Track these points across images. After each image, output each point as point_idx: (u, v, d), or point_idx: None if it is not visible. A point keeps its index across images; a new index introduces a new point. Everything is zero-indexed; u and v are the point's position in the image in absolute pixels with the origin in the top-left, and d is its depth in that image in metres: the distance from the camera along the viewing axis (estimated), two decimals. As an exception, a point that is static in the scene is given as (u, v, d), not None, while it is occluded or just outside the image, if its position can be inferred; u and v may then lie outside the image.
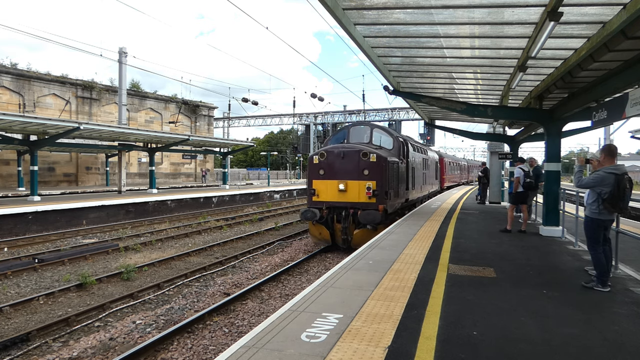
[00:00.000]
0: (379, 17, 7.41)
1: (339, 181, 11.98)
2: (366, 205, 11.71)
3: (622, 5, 5.67)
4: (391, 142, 14.04)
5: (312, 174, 12.45)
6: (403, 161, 14.21)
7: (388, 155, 12.57)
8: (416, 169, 17.02)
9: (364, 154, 11.84)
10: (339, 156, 12.08)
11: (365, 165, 11.84)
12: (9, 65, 31.24)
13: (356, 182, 11.85)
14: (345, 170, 11.97)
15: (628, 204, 5.73)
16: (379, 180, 11.77)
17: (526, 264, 7.29)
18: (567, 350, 3.83)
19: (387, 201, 12.00)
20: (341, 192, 12.01)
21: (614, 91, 8.69)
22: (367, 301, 5.02)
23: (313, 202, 12.31)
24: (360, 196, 11.84)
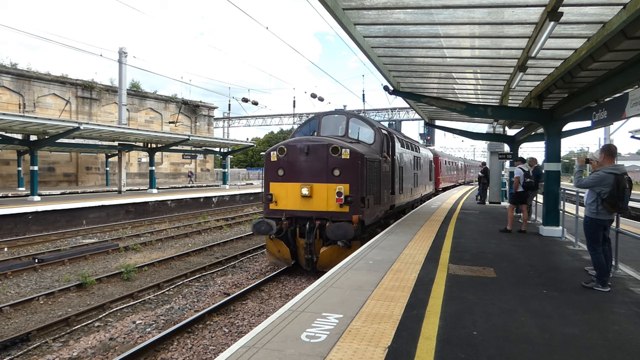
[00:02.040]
0: (379, 17, 7.41)
1: (302, 184, 9.45)
2: (336, 216, 9.32)
3: (622, 5, 5.67)
4: (372, 135, 11.34)
5: (269, 174, 10.00)
6: (387, 159, 11.69)
7: (366, 152, 10.07)
8: (405, 169, 14.56)
9: (334, 149, 9.37)
10: (302, 152, 9.56)
11: (335, 163, 9.35)
12: (9, 65, 31.24)
13: (324, 185, 9.39)
14: (311, 170, 9.50)
15: (628, 204, 5.73)
16: (353, 183, 9.31)
17: (526, 264, 7.29)
18: (567, 350, 3.83)
19: (364, 210, 9.53)
20: (305, 199, 9.50)
21: (614, 91, 8.69)
22: (367, 301, 5.02)
23: (270, 211, 9.86)
24: (329, 204, 9.37)
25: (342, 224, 8.99)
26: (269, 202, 9.88)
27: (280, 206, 9.81)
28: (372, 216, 10.28)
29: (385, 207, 11.61)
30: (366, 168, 9.61)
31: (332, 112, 11.90)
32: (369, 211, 9.89)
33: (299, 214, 9.64)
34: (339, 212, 9.34)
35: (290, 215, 9.71)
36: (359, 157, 9.46)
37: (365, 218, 9.60)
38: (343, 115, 11.62)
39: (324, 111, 11.55)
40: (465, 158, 56.30)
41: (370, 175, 9.96)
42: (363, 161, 9.50)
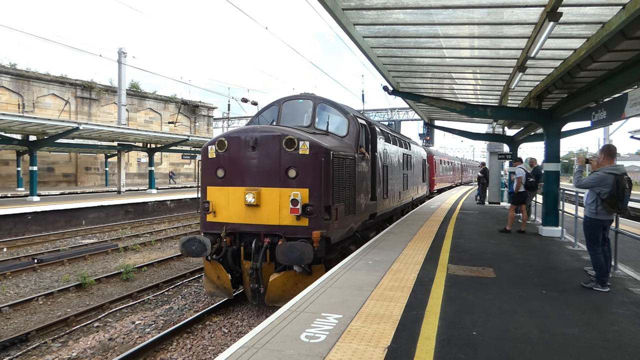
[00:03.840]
0: (379, 17, 7.41)
1: (247, 189, 7.22)
2: (291, 231, 7.05)
3: (622, 5, 5.68)
4: (345, 125, 8.93)
5: (206, 176, 7.73)
6: (365, 156, 9.30)
7: (335, 146, 7.83)
8: (391, 168, 12.13)
9: (289, 141, 7.09)
10: (247, 146, 7.31)
11: (291, 161, 7.12)
12: (8, 65, 31.21)
13: (275, 190, 7.15)
14: (259, 171, 7.28)
15: (627, 204, 5.74)
16: (314, 187, 7.05)
17: (526, 264, 7.30)
18: (566, 350, 3.83)
19: (330, 223, 7.23)
20: (251, 208, 7.23)
21: (614, 91, 8.71)
22: (366, 301, 5.02)
23: (207, 224, 7.63)
24: (282, 215, 7.10)
25: (296, 243, 6.65)
26: (205, 212, 7.63)
27: (220, 218, 7.49)
28: (343, 230, 7.91)
29: (362, 217, 9.17)
30: (333, 167, 7.35)
31: (295, 96, 9.30)
32: (338, 224, 7.57)
33: (244, 228, 7.33)
34: (295, 226, 7.01)
35: (233, 230, 7.41)
36: (322, 152, 7.10)
37: (331, 234, 7.24)
38: (309, 101, 9.08)
39: (285, 96, 9.32)
40: (462, 158, 53.99)
41: (341, 176, 7.71)
42: (329, 158, 7.20)
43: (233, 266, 7.52)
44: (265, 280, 7.17)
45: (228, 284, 7.48)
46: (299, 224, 7.02)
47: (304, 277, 7.08)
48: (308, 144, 7.11)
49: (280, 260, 6.81)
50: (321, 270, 7.08)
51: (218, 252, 7.48)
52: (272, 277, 7.10)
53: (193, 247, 7.30)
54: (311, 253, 6.57)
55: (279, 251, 6.75)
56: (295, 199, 6.92)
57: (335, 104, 9.21)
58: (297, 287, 6.87)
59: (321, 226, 7.02)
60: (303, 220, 7.01)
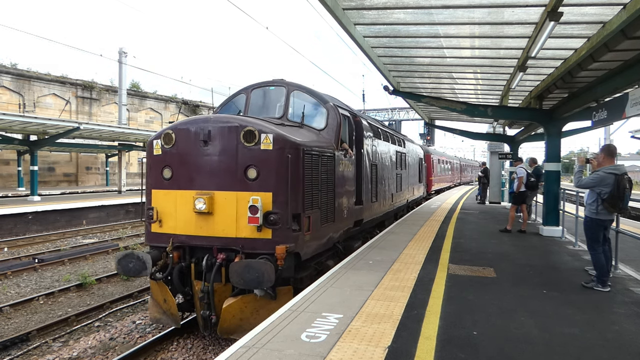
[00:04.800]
0: (379, 17, 7.41)
1: (198, 193, 5.92)
2: (251, 245, 5.81)
3: (622, 5, 5.67)
4: (323, 116, 7.57)
5: (151, 176, 6.48)
6: (349, 153, 8.04)
7: (309, 140, 6.60)
8: (382, 167, 10.89)
9: (248, 133, 5.83)
10: (197, 140, 6.02)
11: (250, 158, 5.87)
12: (9, 65, 31.24)
13: (232, 194, 5.86)
14: (212, 171, 6.00)
15: (628, 204, 5.74)
16: (279, 191, 5.81)
17: (526, 264, 7.30)
18: (567, 350, 3.83)
19: (300, 235, 6.00)
20: (202, 217, 5.93)
21: (614, 91, 8.70)
22: (367, 301, 5.02)
23: (152, 236, 6.37)
24: (240, 225, 5.81)
25: (254, 261, 5.38)
26: (150, 219, 6.34)
27: (167, 228, 6.18)
28: (318, 242, 6.68)
29: (344, 225, 7.90)
30: (305, 166, 6.13)
31: (266, 82, 7.95)
32: (311, 235, 6.34)
33: (194, 241, 6.03)
34: (256, 239, 5.75)
35: (181, 243, 6.09)
36: (289, 147, 5.89)
37: (301, 248, 6.01)
38: (282, 87, 7.75)
39: (254, 83, 8.04)
40: (461, 157, 52.13)
41: (315, 177, 6.49)
42: (298, 155, 6.00)
43: (180, 287, 6.16)
44: (219, 305, 5.83)
45: (174, 310, 6.18)
46: (260, 237, 5.73)
47: (266, 303, 5.72)
48: (271, 137, 5.82)
49: (233, 283, 5.47)
50: (289, 293, 5.83)
51: (162, 270, 6.16)
52: (227, 302, 5.73)
53: (130, 264, 5.97)
54: (272, 274, 5.27)
55: (232, 271, 5.41)
56: (254, 206, 5.59)
57: (312, 92, 7.82)
58: (259, 314, 5.62)
59: (288, 239, 5.76)
60: (265, 232, 5.72)
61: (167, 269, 6.12)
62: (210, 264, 5.86)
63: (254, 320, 5.51)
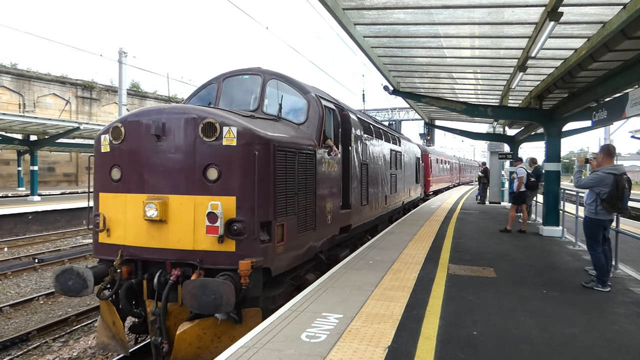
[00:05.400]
0: (379, 17, 7.42)
1: (149, 197, 5.10)
2: (212, 259, 4.96)
3: (622, 5, 5.68)
4: (303, 108, 6.70)
5: (98, 177, 5.58)
6: (334, 150, 7.09)
7: (283, 135, 5.75)
8: (374, 167, 10.05)
9: (208, 127, 5.01)
10: (148, 133, 5.14)
11: (211, 155, 5.06)
12: (9, 65, 31.24)
13: (189, 199, 5.03)
14: (165, 171, 5.15)
15: (627, 204, 5.74)
16: (245, 195, 4.97)
17: (526, 264, 7.30)
18: (567, 350, 3.83)
19: (271, 246, 5.17)
20: (155, 226, 5.08)
21: (614, 91, 8.70)
22: (367, 301, 5.02)
23: (100, 247, 5.48)
24: (199, 235, 4.96)
25: (211, 281, 4.50)
26: (96, 227, 5.42)
27: (116, 238, 5.32)
28: (295, 253, 5.81)
29: (328, 232, 7.05)
30: (277, 165, 5.29)
31: (240, 71, 7.08)
32: (285, 246, 5.46)
33: (145, 254, 5.17)
34: (217, 252, 4.89)
35: (131, 256, 5.23)
36: (257, 143, 5.04)
37: (272, 262, 5.16)
38: (257, 76, 6.86)
39: (228, 71, 7.18)
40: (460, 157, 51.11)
41: (290, 177, 5.62)
42: (268, 152, 5.15)
43: (129, 308, 5.32)
44: (173, 331, 4.94)
45: (122, 335, 5.30)
46: (222, 249, 4.86)
47: (230, 328, 4.90)
48: (235, 130, 4.95)
49: (186, 306, 4.60)
50: (256, 315, 4.91)
51: (110, 287, 5.30)
52: (181, 327, 4.83)
53: (69, 282, 5.09)
54: (232, 296, 4.39)
55: (184, 292, 4.54)
56: (212, 213, 4.71)
57: (291, 81, 6.92)
58: (221, 341, 4.86)
59: (255, 252, 4.89)
60: (228, 243, 4.85)
61: (112, 285, 5.26)
62: (163, 281, 5.00)
63: (214, 349, 4.75)
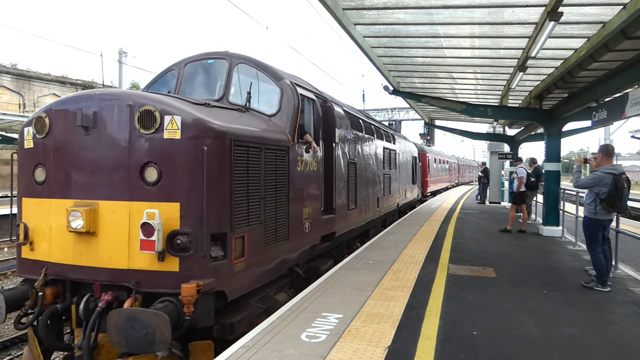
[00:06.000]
0: (379, 17, 7.42)
1: (77, 203, 4.20)
2: (151, 281, 4.00)
3: (622, 5, 5.68)
4: (275, 97, 5.78)
5: (22, 179, 5.01)
6: (313, 146, 6.07)
7: (245, 128, 4.82)
8: (364, 167, 9.15)
9: (145, 115, 4.08)
10: (74, 124, 4.22)
11: (149, 152, 4.13)
12: (9, 65, 31.25)
13: (122, 205, 4.10)
14: (95, 170, 4.23)
15: (626, 204, 5.75)
16: (191, 201, 4.04)
17: (526, 264, 7.30)
18: (567, 350, 3.83)
19: (226, 264, 4.26)
20: (82, 239, 4.16)
21: (614, 91, 8.70)
22: (367, 301, 5.02)
23: (22, 264, 4.82)
24: (135, 252, 4.00)
25: (141, 313, 3.63)
26: (19, 242, 4.76)
27: (40, 254, 4.48)
28: (261, 269, 4.91)
29: (306, 242, 6.14)
30: (235, 163, 4.40)
31: (204, 55, 6.18)
32: (249, 262, 4.59)
33: (73, 273, 4.24)
34: (157, 272, 3.98)
35: (57, 275, 4.34)
36: (208, 136, 4.14)
37: (228, 283, 4.30)
38: (223, 60, 5.92)
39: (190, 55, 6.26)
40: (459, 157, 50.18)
41: (254, 178, 4.72)
42: (224, 147, 4.27)
43: (50, 340, 4.42)
44: None
45: None
46: (163, 269, 3.93)
47: None
48: (179, 120, 4.02)
49: (113, 342, 3.73)
50: (208, 349, 4.13)
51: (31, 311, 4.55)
52: None
53: None
54: (167, 332, 3.51)
55: (110, 325, 3.65)
56: (148, 223, 3.81)
57: (263, 66, 5.94)
58: None
59: (204, 271, 3.98)
60: (170, 262, 3.94)
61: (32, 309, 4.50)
62: (88, 309, 4.08)
63: None
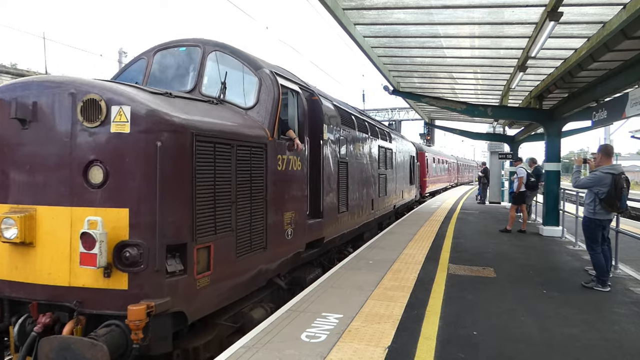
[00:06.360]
0: (379, 17, 7.42)
1: (12, 208, 3.59)
2: (96, 300, 3.39)
3: (622, 5, 5.68)
4: (253, 88, 5.16)
5: None
6: (296, 144, 5.46)
7: (210, 121, 4.12)
8: (357, 166, 8.58)
9: (89, 105, 3.44)
10: (8, 117, 3.55)
11: (93, 148, 3.49)
12: (9, 65, 31.27)
13: (63, 211, 3.48)
14: (32, 170, 3.59)
15: (625, 204, 5.75)
16: (142, 206, 3.44)
17: (526, 264, 7.30)
18: (566, 350, 3.83)
19: (186, 280, 3.61)
20: (18, 250, 3.55)
21: (614, 91, 8.70)
22: (367, 301, 5.02)
23: None
24: (77, 266, 3.36)
25: (74, 342, 3.13)
26: None
27: None
28: (232, 283, 4.30)
29: (289, 250, 5.50)
30: (198, 162, 3.80)
31: (175, 42, 5.55)
32: (215, 277, 3.98)
33: (10, 290, 3.68)
34: (103, 290, 3.42)
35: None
36: (163, 129, 3.55)
37: (190, 302, 3.71)
38: (196, 48, 5.33)
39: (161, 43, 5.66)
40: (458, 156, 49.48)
41: (223, 179, 4.14)
42: (185, 143, 3.69)
43: None
44: None
45: None
46: (110, 286, 3.38)
47: None
48: (128, 111, 3.44)
49: None
50: None
51: None
52: None
53: None
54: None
55: (40, 356, 3.20)
56: (88, 233, 3.25)
57: (239, 53, 5.32)
58: None
59: (158, 290, 3.40)
60: (118, 278, 3.38)
61: None
62: (24, 333, 3.57)
63: None
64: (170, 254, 3.55)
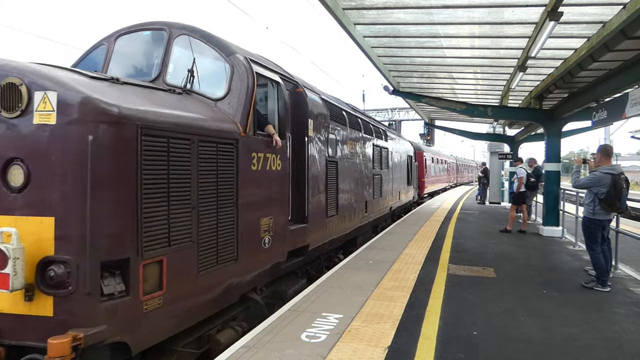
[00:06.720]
0: (379, 17, 7.42)
1: None
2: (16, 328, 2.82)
3: (622, 5, 5.68)
4: (224, 76, 4.51)
5: None
6: (274, 140, 4.85)
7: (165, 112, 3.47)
8: (349, 166, 8.06)
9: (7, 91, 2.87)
10: None
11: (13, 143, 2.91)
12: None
13: None
14: None
15: (625, 204, 5.76)
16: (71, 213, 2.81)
17: (526, 264, 7.30)
18: (566, 350, 3.83)
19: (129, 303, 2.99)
20: None
21: (614, 91, 8.71)
22: (367, 301, 5.02)
23: None
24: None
25: None
26: None
27: None
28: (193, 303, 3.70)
29: (265, 261, 4.90)
30: (145, 160, 3.16)
31: (139, 25, 4.97)
32: (169, 298, 3.37)
33: None
34: (24, 317, 2.83)
35: None
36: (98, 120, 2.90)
37: (134, 330, 3.09)
38: (161, 32, 4.77)
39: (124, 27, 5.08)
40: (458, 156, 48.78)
41: (180, 181, 3.51)
42: (127, 137, 3.05)
43: None
44: None
45: None
46: (32, 312, 2.85)
47: None
48: (54, 98, 2.89)
49: None
50: None
51: None
52: None
53: None
54: None
55: None
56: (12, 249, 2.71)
57: (210, 38, 4.73)
58: None
59: (91, 316, 2.85)
60: (41, 302, 2.85)
61: None
62: None
63: None
64: (107, 271, 2.94)
